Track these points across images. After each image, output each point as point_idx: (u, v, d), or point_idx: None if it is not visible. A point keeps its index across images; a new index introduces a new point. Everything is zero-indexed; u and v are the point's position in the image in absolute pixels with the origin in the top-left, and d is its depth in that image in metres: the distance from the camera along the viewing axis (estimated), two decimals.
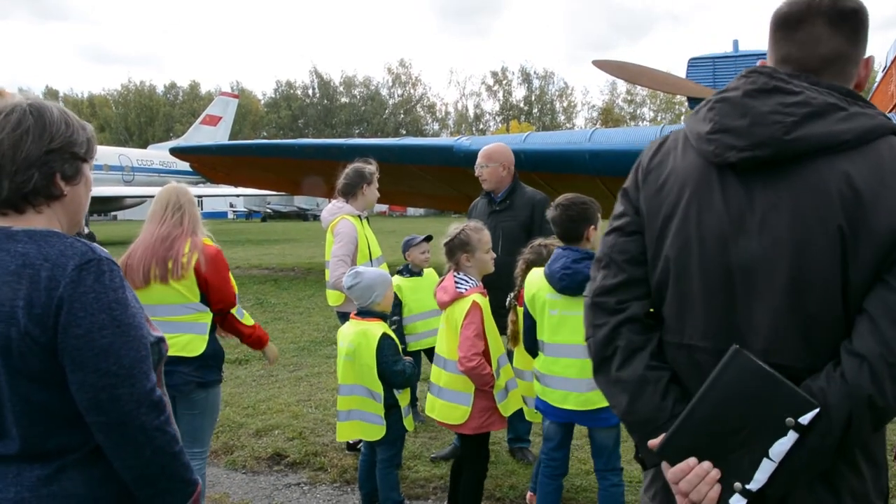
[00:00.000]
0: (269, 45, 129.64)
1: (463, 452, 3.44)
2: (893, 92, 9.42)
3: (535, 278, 3.23)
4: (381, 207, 47.77)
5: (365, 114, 77.22)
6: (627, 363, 1.39)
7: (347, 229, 4.25)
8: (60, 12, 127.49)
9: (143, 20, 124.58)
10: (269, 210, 51.29)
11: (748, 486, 1.25)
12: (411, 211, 53.21)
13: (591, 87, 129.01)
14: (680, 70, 8.42)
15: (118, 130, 70.06)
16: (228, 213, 57.07)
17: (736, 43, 8.53)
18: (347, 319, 4.32)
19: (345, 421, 3.44)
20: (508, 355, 3.66)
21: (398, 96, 79.83)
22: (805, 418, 1.21)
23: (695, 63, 8.19)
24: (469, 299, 3.22)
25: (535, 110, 76.69)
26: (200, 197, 47.08)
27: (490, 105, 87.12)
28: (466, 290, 3.25)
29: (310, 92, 79.08)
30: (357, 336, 3.37)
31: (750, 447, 1.25)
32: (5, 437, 1.39)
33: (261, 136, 69.02)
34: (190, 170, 20.22)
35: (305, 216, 48.41)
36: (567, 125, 74.58)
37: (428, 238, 4.73)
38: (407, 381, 3.40)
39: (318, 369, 6.52)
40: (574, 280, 3.01)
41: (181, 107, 73.83)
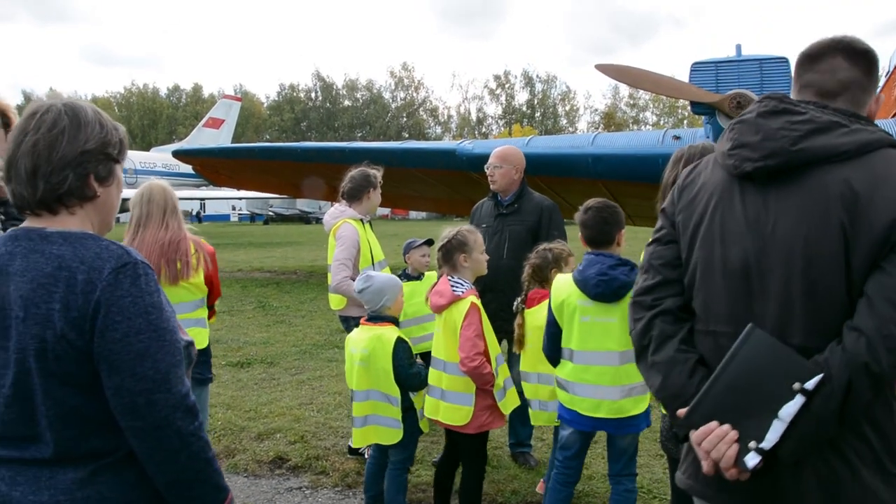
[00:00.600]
0: (272, 47, 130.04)
1: (463, 453, 3.45)
2: None
3: (564, 284, 3.12)
4: (383, 211, 47.80)
5: (367, 117, 77.35)
6: (660, 348, 1.62)
7: (350, 233, 4.24)
8: (62, 14, 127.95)
9: (146, 22, 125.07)
10: (271, 213, 51.38)
11: (761, 445, 1.42)
12: (413, 214, 53.30)
13: (593, 91, 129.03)
14: (683, 74, 8.40)
15: None
16: (231, 215, 57.21)
17: (739, 47, 8.49)
18: (349, 323, 4.33)
19: (361, 427, 3.43)
20: (516, 359, 3.69)
21: (401, 99, 79.98)
22: (810, 384, 1.39)
23: (697, 67, 8.14)
24: (467, 300, 3.25)
25: (537, 114, 76.75)
26: (203, 199, 47.31)
27: (493, 109, 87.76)
28: (463, 292, 3.27)
29: (312, 95, 79.31)
30: (371, 341, 3.37)
31: (763, 411, 1.43)
32: (39, 440, 1.37)
33: (263, 139, 69.15)
34: (193, 172, 20.27)
35: (308, 219, 48.42)
36: (570, 129, 74.73)
37: (429, 242, 4.73)
38: (423, 384, 3.42)
39: (320, 373, 6.52)
40: (610, 287, 2.92)
41: (184, 109, 74.07)
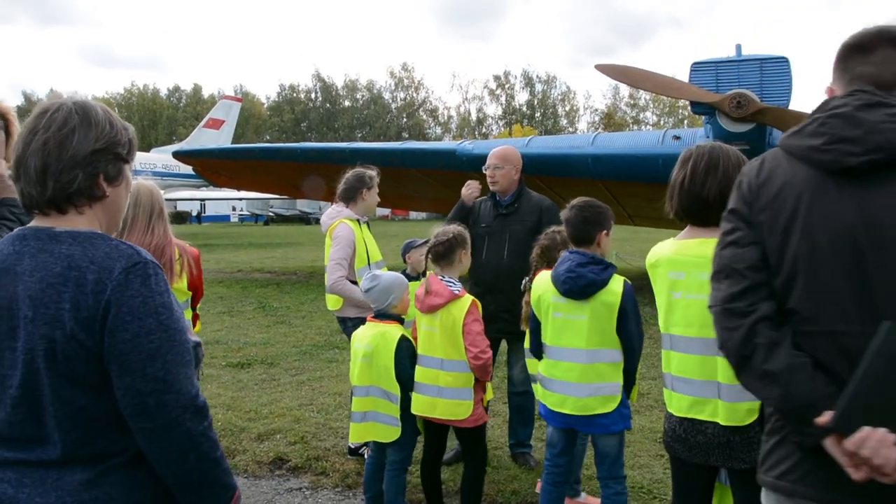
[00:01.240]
0: (272, 48, 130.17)
1: (465, 446, 3.49)
2: None
3: (542, 280, 3.20)
4: (383, 211, 47.81)
5: (367, 117, 77.38)
6: (771, 356, 1.50)
7: (345, 233, 4.25)
8: (63, 16, 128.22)
9: (146, 23, 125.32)
10: (271, 213, 51.39)
11: None
12: (413, 215, 53.25)
13: (593, 92, 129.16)
14: (683, 74, 8.40)
15: None
16: (231, 216, 57.23)
17: (739, 47, 8.49)
18: (346, 324, 4.33)
19: (360, 423, 3.45)
20: (517, 358, 3.71)
21: (401, 100, 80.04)
22: None
23: (697, 67, 8.16)
24: (468, 298, 3.31)
25: (537, 114, 76.78)
26: (203, 200, 47.30)
27: (493, 109, 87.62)
28: (459, 290, 3.33)
29: (312, 95, 79.32)
30: (375, 338, 3.39)
31: None
32: (46, 442, 1.37)
33: (263, 140, 69.16)
34: (193, 173, 20.29)
35: (308, 220, 48.44)
36: (570, 129, 74.72)
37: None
38: None
39: (321, 373, 6.52)
40: (577, 284, 2.98)
41: (184, 110, 74.06)
